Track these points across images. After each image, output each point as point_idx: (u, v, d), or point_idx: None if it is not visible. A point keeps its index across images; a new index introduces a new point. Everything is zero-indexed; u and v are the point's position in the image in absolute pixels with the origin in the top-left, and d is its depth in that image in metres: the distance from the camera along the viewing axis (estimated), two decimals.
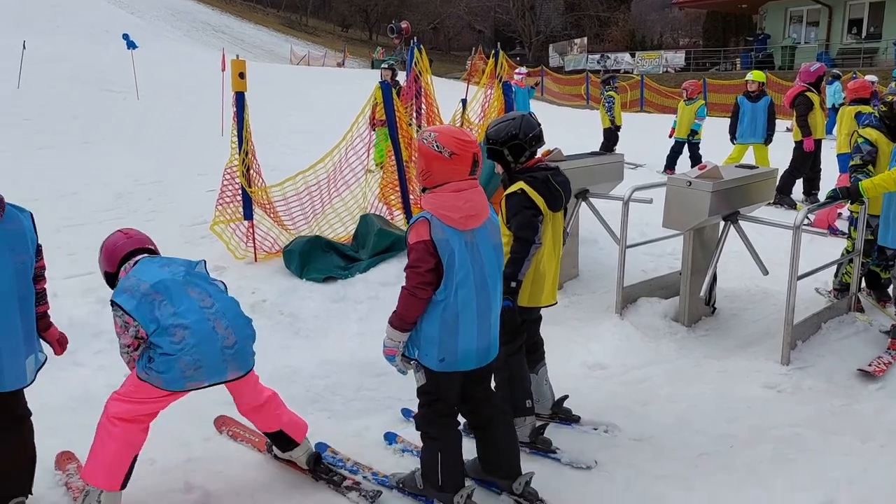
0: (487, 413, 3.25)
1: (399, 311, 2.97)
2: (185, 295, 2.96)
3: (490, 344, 3.11)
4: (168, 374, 2.89)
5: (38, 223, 4.49)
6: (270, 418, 3.33)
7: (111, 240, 3.21)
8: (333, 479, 3.29)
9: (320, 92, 20.82)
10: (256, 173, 6.21)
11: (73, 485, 3.22)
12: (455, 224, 2.90)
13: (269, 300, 5.56)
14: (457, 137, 2.96)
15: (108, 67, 18.28)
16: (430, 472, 3.11)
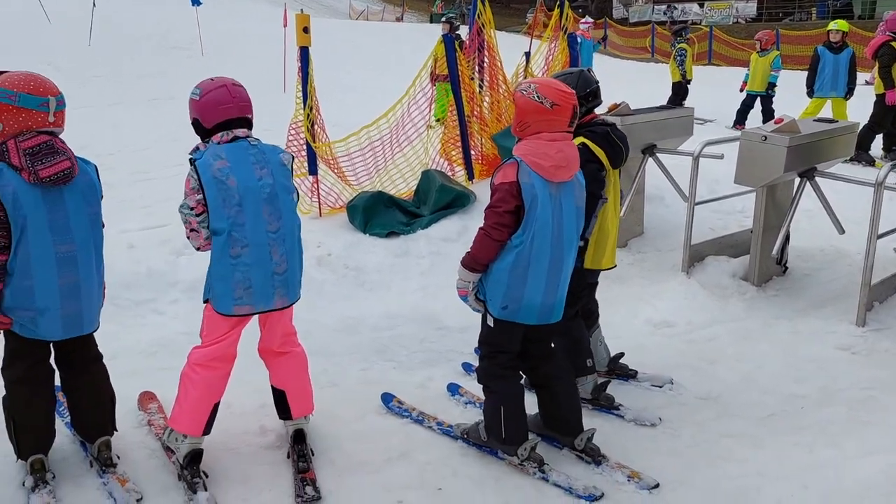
0: (548, 371, 3.26)
1: (472, 251, 2.98)
2: (259, 214, 2.90)
3: (555, 303, 3.09)
4: (223, 287, 2.92)
5: (114, 177, 4.63)
6: (285, 373, 3.24)
7: (216, 95, 2.91)
8: (299, 464, 3.12)
9: (378, 47, 20.72)
10: (321, 129, 6.27)
11: (155, 422, 3.39)
12: (544, 173, 2.90)
13: (334, 254, 5.66)
14: (558, 88, 2.95)
15: (173, 25, 18.59)
16: (493, 424, 3.12)
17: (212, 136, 2.92)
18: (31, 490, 2.84)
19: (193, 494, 2.88)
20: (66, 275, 2.77)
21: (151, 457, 3.17)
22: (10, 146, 2.65)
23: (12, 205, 2.63)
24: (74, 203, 2.78)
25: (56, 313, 2.79)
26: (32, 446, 2.90)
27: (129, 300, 4.74)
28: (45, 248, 2.71)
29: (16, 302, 2.74)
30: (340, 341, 4.61)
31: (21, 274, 2.70)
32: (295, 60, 6.10)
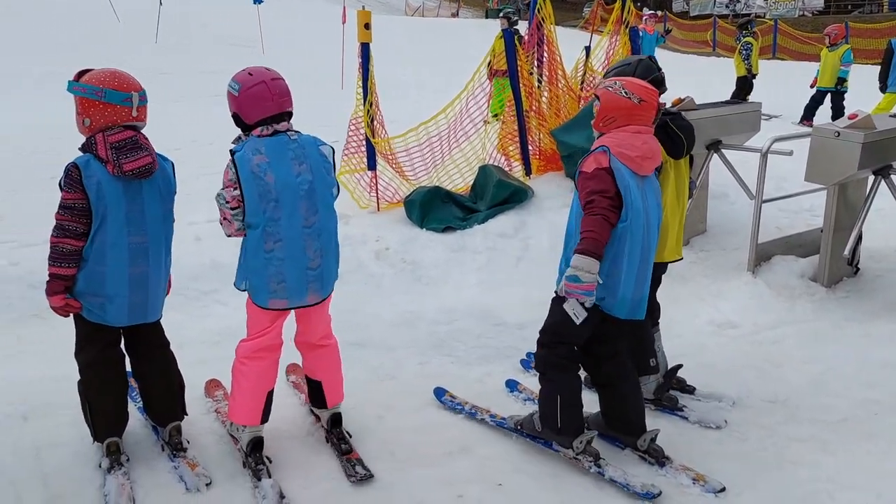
0: (611, 370, 3.20)
1: (594, 236, 2.79)
2: (296, 210, 2.91)
3: (641, 299, 3.07)
4: (258, 281, 2.95)
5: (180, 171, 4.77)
6: (321, 365, 3.28)
7: (256, 91, 2.88)
8: (341, 446, 3.19)
9: (434, 43, 20.77)
10: (380, 124, 6.32)
11: (221, 410, 3.49)
12: (631, 164, 2.91)
13: (392, 248, 5.70)
14: (643, 85, 3.01)
15: (236, 22, 19.02)
16: (549, 414, 3.09)
17: (252, 129, 2.92)
18: (107, 471, 2.95)
19: (258, 481, 2.95)
20: (136, 265, 2.88)
21: (219, 442, 3.26)
22: (97, 139, 2.78)
23: (96, 194, 2.75)
24: (151, 197, 2.90)
25: (124, 301, 2.90)
26: (107, 429, 3.02)
27: (196, 290, 4.88)
28: (120, 238, 2.82)
29: (87, 287, 2.85)
30: (398, 335, 4.64)
31: (95, 260, 2.82)
32: (355, 56, 6.16)
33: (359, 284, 5.37)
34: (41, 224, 3.59)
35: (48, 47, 14.19)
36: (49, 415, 3.37)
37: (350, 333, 4.61)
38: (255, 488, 2.94)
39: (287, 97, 2.96)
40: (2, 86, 11.64)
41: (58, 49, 14.22)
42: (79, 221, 2.77)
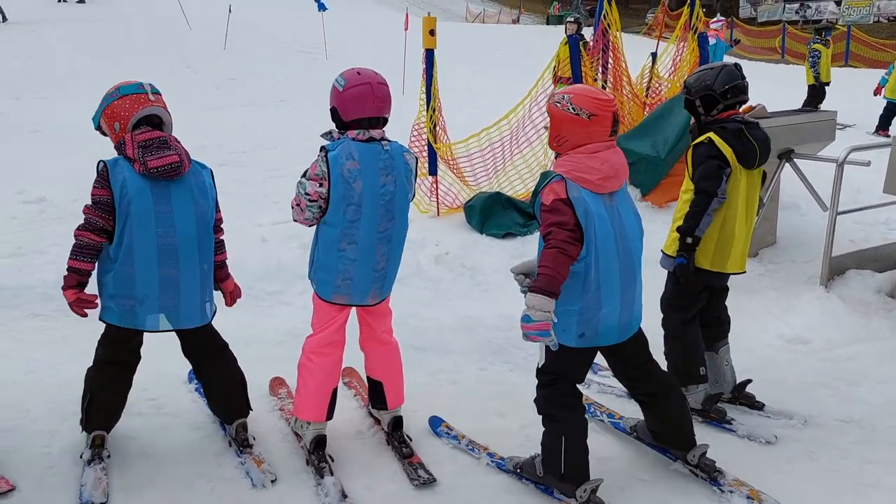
0: (649, 388, 3.06)
1: (549, 273, 2.57)
2: (374, 217, 2.95)
3: (633, 318, 2.91)
4: (324, 275, 3.01)
5: (247, 174, 4.87)
6: (383, 364, 3.29)
7: (359, 91, 2.91)
8: (402, 449, 3.19)
9: (494, 50, 20.77)
10: (442, 130, 6.36)
11: (285, 408, 3.55)
12: (592, 187, 2.70)
13: (452, 253, 5.72)
14: (594, 97, 2.75)
15: (301, 29, 19.41)
16: (552, 458, 2.86)
17: (348, 128, 2.95)
18: (86, 462, 2.95)
19: (321, 479, 2.99)
20: (166, 267, 2.89)
21: (283, 440, 3.32)
22: (126, 140, 2.86)
23: (119, 192, 2.80)
24: (181, 199, 2.92)
25: (154, 304, 2.90)
26: (98, 423, 3.04)
27: (261, 291, 4.99)
28: (148, 238, 2.84)
29: (117, 290, 2.88)
30: (458, 340, 4.65)
31: (123, 262, 2.84)
32: (416, 63, 6.22)
33: (418, 288, 5.40)
34: None
35: (125, 52, 14.77)
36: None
37: (410, 337, 4.64)
38: (317, 486, 2.98)
39: (387, 103, 3.00)
40: (82, 89, 12.17)
41: (134, 54, 14.78)
42: (101, 217, 2.82)
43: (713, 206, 3.29)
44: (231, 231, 5.92)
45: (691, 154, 3.41)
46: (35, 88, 10.82)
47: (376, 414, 3.42)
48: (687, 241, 3.31)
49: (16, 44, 14.90)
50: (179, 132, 9.75)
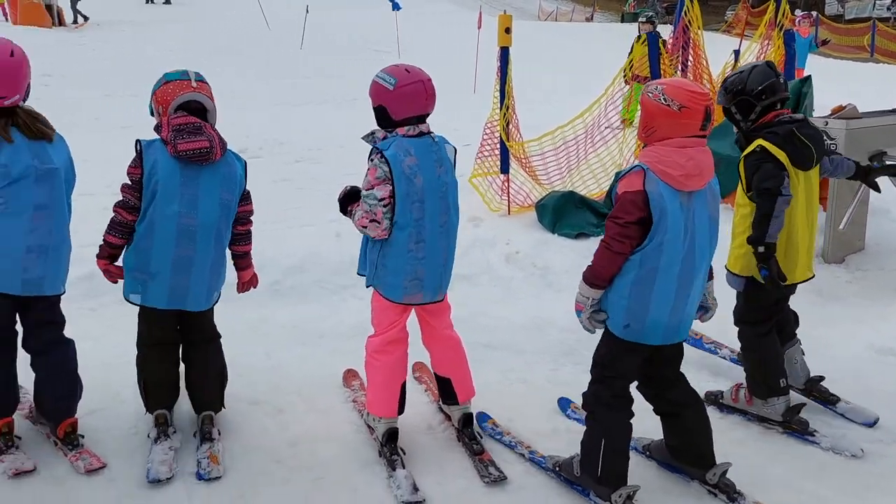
0: (675, 397, 2.97)
1: (593, 265, 2.75)
2: (436, 210, 2.97)
3: (682, 321, 2.83)
4: (393, 279, 3.01)
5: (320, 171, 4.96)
6: (449, 360, 3.30)
7: (413, 89, 2.92)
8: (473, 446, 3.19)
9: (568, 48, 20.56)
10: (515, 128, 6.34)
11: (357, 399, 3.61)
12: (673, 182, 2.64)
13: (523, 252, 5.69)
14: (687, 89, 2.71)
15: (375, 28, 19.68)
16: (590, 459, 2.83)
17: (395, 126, 2.95)
18: (154, 441, 3.08)
19: (392, 471, 3.02)
20: (182, 248, 2.98)
21: (357, 432, 3.37)
22: (164, 122, 2.98)
23: (149, 170, 2.93)
24: (208, 185, 3.01)
25: (164, 282, 3.00)
26: (157, 402, 3.18)
27: (335, 285, 5.09)
28: (169, 218, 2.95)
29: (135, 263, 3.02)
30: (529, 340, 4.62)
31: (143, 236, 2.98)
32: (488, 61, 6.21)
33: (488, 287, 5.40)
34: None
35: (208, 51, 15.31)
36: None
37: (479, 335, 4.64)
38: (389, 478, 3.02)
39: (435, 99, 3.02)
40: None
41: (216, 53, 15.31)
42: (133, 195, 2.96)
43: (780, 206, 3.14)
44: (306, 226, 6.14)
45: (743, 166, 3.29)
46: (125, 86, 11.32)
47: (447, 409, 3.43)
48: (760, 251, 3.17)
49: (107, 43, 15.66)
50: (258, 129, 10.10)
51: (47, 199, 2.87)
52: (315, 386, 3.75)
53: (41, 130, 2.88)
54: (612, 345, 2.83)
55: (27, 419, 3.23)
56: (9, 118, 2.82)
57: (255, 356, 4.12)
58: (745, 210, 3.33)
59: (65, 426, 3.01)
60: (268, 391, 3.69)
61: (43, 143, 2.88)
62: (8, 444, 2.97)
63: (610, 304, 2.77)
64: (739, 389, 3.58)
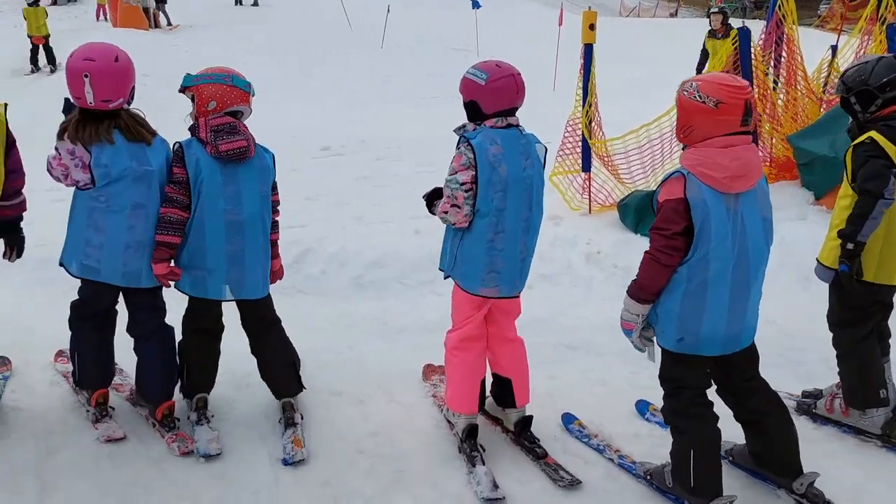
0: (755, 406, 2.85)
1: (639, 279, 2.67)
2: (519, 203, 2.99)
3: (743, 329, 2.72)
4: (470, 268, 3.03)
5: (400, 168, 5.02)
6: (511, 360, 3.27)
7: (505, 83, 2.95)
8: (535, 450, 3.15)
9: (650, 45, 20.09)
10: (597, 126, 6.24)
11: (437, 394, 3.64)
12: (717, 185, 2.54)
13: (603, 252, 5.61)
14: (723, 84, 2.59)
15: (454, 27, 19.76)
16: (681, 470, 2.75)
17: (485, 119, 2.98)
18: (195, 423, 3.22)
19: (472, 468, 3.04)
20: (233, 241, 3.10)
21: (436, 427, 3.40)
22: (200, 123, 3.06)
23: (194, 171, 3.02)
24: (247, 180, 3.12)
25: (221, 275, 3.12)
26: (198, 387, 3.30)
27: (415, 281, 5.16)
28: (218, 215, 3.06)
29: (190, 261, 3.12)
30: (608, 341, 4.50)
31: (195, 235, 3.08)
32: (568, 59, 6.14)
33: (568, 286, 5.35)
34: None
35: (293, 52, 15.75)
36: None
37: (559, 335, 4.61)
38: (469, 474, 3.04)
39: (524, 92, 3.03)
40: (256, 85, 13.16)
41: (299, 53, 15.73)
42: (182, 194, 3.05)
43: (879, 208, 3.00)
44: (386, 223, 6.23)
45: (851, 156, 3.14)
46: None
47: (499, 413, 3.39)
48: (848, 247, 3.04)
49: (198, 44, 16.31)
50: (340, 128, 10.27)
51: (144, 198, 3.03)
52: (395, 379, 3.80)
53: (141, 133, 3.03)
54: (669, 358, 2.76)
55: (127, 400, 3.42)
56: (112, 120, 2.98)
57: (338, 348, 4.22)
58: (845, 202, 3.19)
59: (163, 409, 3.17)
60: (350, 382, 3.76)
61: (142, 145, 3.03)
62: (103, 413, 3.21)
63: (660, 318, 2.69)
64: (835, 399, 3.43)
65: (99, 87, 2.89)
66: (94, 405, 3.21)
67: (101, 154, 2.93)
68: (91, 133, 2.92)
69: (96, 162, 2.93)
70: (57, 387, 3.51)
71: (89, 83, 2.88)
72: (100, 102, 2.92)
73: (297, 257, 5.44)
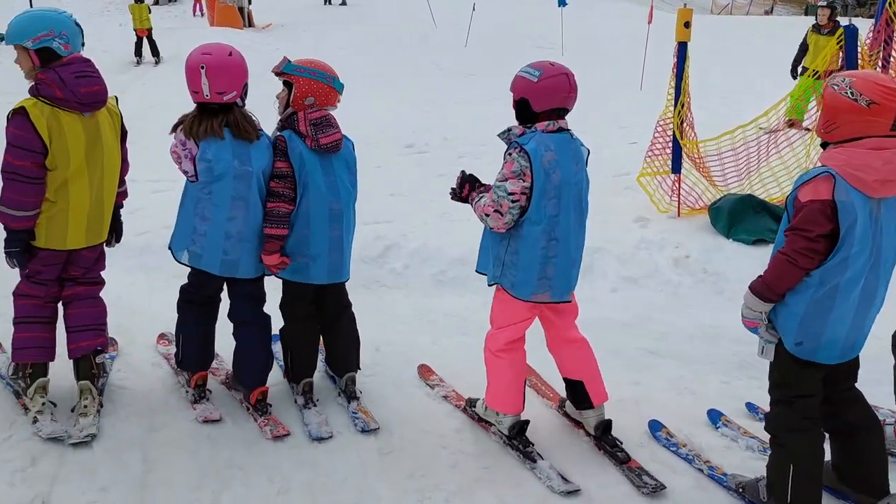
0: (852, 419, 2.71)
1: (767, 277, 2.54)
2: (570, 208, 2.97)
3: (858, 340, 2.61)
4: (522, 275, 2.98)
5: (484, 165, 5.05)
6: (577, 361, 3.21)
7: (557, 82, 2.90)
8: (617, 454, 3.10)
9: (743, 43, 19.36)
10: (689, 126, 6.07)
11: (450, 395, 3.63)
12: (867, 189, 2.40)
13: (693, 256, 5.46)
14: (879, 83, 2.45)
15: (539, 25, 19.62)
16: (778, 485, 2.62)
17: (536, 119, 2.93)
18: (303, 406, 3.36)
19: (533, 463, 3.05)
20: (334, 229, 3.26)
21: None
22: (299, 117, 3.17)
23: (299, 164, 3.15)
24: (340, 169, 3.28)
25: (324, 261, 3.27)
26: (303, 371, 3.43)
27: None
28: (322, 205, 3.21)
29: (294, 248, 3.24)
30: (698, 348, 4.43)
31: (301, 225, 3.21)
32: (660, 57, 5.99)
33: (654, 291, 5.23)
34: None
35: (382, 50, 16.02)
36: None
37: (645, 340, 4.52)
38: (532, 470, 3.04)
39: (576, 94, 2.99)
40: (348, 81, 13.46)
41: (385, 51, 15.98)
42: (287, 187, 3.17)
43: None
44: (468, 220, 6.13)
45: None
46: None
47: (578, 416, 3.33)
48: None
49: (289, 42, 16.78)
50: (424, 125, 10.39)
51: (244, 192, 3.15)
52: (477, 374, 3.79)
53: (247, 131, 3.15)
54: (786, 362, 2.63)
55: (223, 384, 3.56)
56: (225, 116, 3.11)
57: (422, 343, 4.27)
58: None
59: (257, 394, 3.29)
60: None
61: (246, 143, 3.15)
62: (201, 394, 3.38)
63: (782, 319, 2.58)
64: None
65: (214, 78, 3.04)
66: (193, 387, 3.37)
67: (208, 149, 3.07)
68: (205, 128, 3.06)
69: (202, 156, 3.07)
70: (158, 368, 3.70)
71: (205, 74, 3.03)
72: (215, 94, 3.07)
73: (382, 252, 5.54)
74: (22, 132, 2.88)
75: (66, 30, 2.96)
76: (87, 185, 3.07)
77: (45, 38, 2.91)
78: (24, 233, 3.01)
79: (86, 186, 3.07)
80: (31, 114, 2.89)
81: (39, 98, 2.93)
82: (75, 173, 3.01)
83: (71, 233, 3.09)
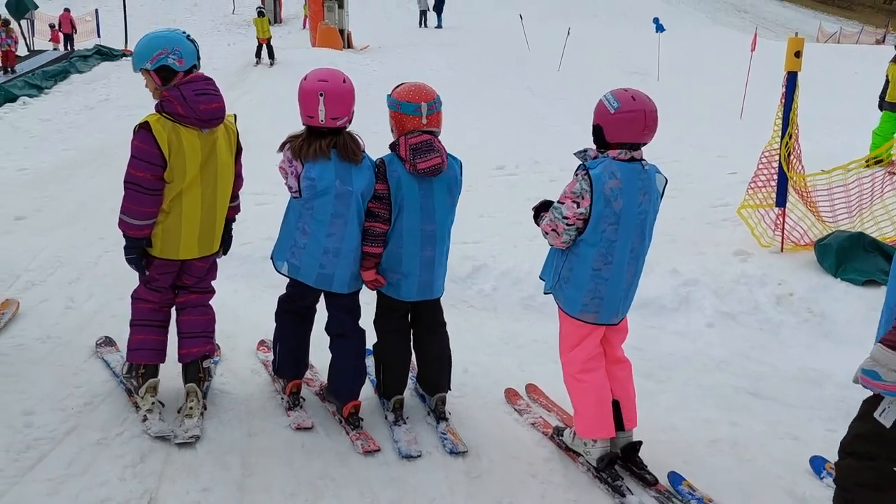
0: None
1: None
2: (629, 236, 2.98)
3: None
4: (573, 292, 3.05)
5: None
6: (619, 381, 3.21)
7: (633, 117, 2.90)
8: (645, 476, 3.08)
9: (852, 73, 18.51)
10: (797, 158, 5.83)
11: (537, 422, 3.60)
12: None
13: (797, 295, 5.20)
14: None
15: (634, 50, 19.43)
16: None
17: (608, 147, 2.97)
18: (393, 423, 3.39)
19: (623, 498, 2.98)
20: (426, 249, 3.32)
21: None
22: (400, 142, 3.24)
23: (395, 187, 3.23)
24: (440, 192, 3.30)
25: (415, 279, 3.33)
26: (394, 388, 3.46)
27: None
28: (415, 226, 3.27)
29: (388, 265, 3.33)
30: (799, 392, 4.21)
31: (395, 243, 3.30)
32: (759, 86, 5.78)
33: (753, 328, 5.02)
34: None
35: (472, 71, 16.22)
36: None
37: (741, 379, 4.34)
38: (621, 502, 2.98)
39: (654, 129, 2.98)
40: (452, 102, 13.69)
41: (480, 73, 16.17)
42: (383, 208, 3.26)
43: None
44: None
45: None
46: None
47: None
48: None
49: (386, 64, 17.26)
50: (515, 148, 10.44)
51: (344, 210, 3.24)
52: (565, 404, 3.76)
53: (353, 153, 3.25)
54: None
55: (317, 395, 3.65)
56: (333, 138, 3.22)
57: (509, 367, 4.24)
58: None
59: (349, 407, 3.36)
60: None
61: (350, 164, 3.24)
62: (295, 402, 3.49)
63: None
64: None
65: (332, 105, 3.16)
66: (288, 394, 3.48)
67: (312, 168, 3.19)
68: (314, 150, 3.18)
69: (306, 174, 3.19)
70: (257, 375, 3.84)
71: (323, 101, 3.14)
72: (330, 120, 3.18)
73: (470, 272, 5.56)
74: (145, 145, 3.07)
75: (178, 45, 3.14)
76: (199, 197, 3.23)
77: (160, 56, 3.10)
78: (142, 240, 3.20)
79: (198, 198, 3.23)
80: (153, 129, 3.07)
81: (163, 114, 3.12)
82: (189, 186, 3.18)
83: (183, 243, 3.26)
